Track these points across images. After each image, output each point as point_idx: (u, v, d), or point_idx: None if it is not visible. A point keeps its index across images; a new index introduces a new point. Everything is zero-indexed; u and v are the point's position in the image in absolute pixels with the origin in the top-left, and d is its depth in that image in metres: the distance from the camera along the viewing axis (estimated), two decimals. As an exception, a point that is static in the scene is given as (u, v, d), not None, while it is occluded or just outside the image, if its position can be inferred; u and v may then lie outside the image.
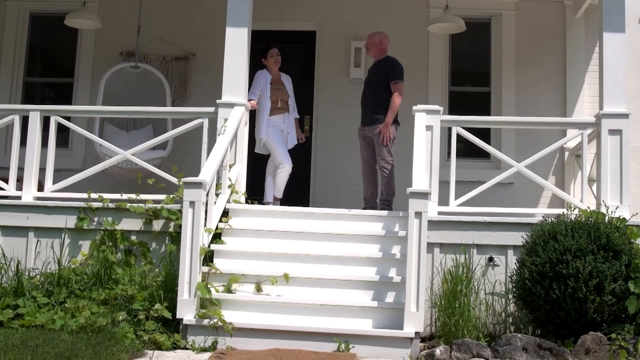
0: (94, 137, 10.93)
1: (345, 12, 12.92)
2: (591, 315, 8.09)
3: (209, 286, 8.35)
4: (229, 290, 8.60)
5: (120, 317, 8.29)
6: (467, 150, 11.74)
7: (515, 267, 8.72)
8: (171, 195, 9.54)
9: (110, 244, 9.44)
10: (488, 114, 12.58)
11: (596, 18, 11.08)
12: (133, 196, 9.66)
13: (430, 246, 9.03)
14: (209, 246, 8.81)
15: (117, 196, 9.71)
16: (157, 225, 9.48)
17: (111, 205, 9.58)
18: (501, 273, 9.19)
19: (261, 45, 11.35)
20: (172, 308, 8.27)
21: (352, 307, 8.38)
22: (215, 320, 8.06)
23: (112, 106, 11.70)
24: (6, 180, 10.13)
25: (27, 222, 9.65)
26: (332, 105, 12.69)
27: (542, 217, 9.11)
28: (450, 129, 10.05)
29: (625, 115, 9.74)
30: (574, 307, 8.07)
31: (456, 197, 9.75)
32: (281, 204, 10.79)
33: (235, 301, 8.45)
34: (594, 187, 10.24)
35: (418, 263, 8.19)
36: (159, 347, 7.90)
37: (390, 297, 8.59)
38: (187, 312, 8.18)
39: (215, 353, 7.68)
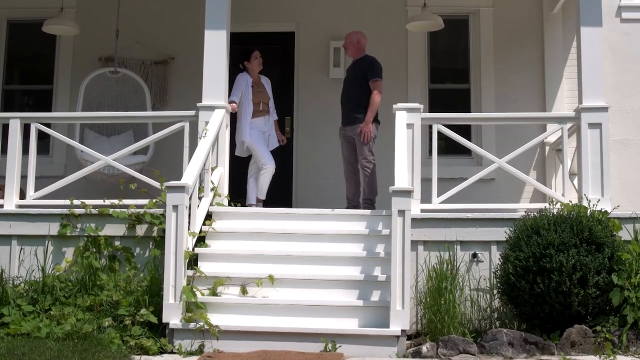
0: (75, 144, 10.90)
1: (323, 12, 12.92)
2: (576, 308, 8.13)
3: (194, 290, 8.34)
4: (214, 293, 8.59)
5: (106, 323, 8.26)
6: (448, 148, 11.77)
7: (499, 263, 8.75)
8: (154, 200, 9.52)
9: (94, 250, 9.41)
10: (468, 110, 12.61)
11: (573, 12, 11.16)
12: (116, 201, 9.64)
13: (414, 244, 9.05)
14: (193, 250, 8.81)
15: (99, 202, 9.69)
16: (141, 230, 9.47)
17: (94, 211, 9.56)
18: (485, 269, 9.22)
19: (240, 47, 11.34)
20: (158, 312, 8.26)
21: (338, 306, 8.40)
22: (202, 323, 8.06)
23: (92, 112, 11.67)
24: (-12, 189, 10.11)
25: (10, 230, 9.61)
26: (312, 105, 12.68)
27: (525, 212, 9.13)
28: (431, 127, 10.08)
29: (604, 109, 9.80)
30: (558, 301, 8.11)
31: (439, 195, 9.77)
32: (264, 206, 10.79)
33: (221, 304, 8.45)
34: (576, 181, 10.29)
35: (402, 261, 8.20)
36: (145, 352, 7.89)
37: (375, 296, 8.60)
38: (173, 317, 8.17)
39: (202, 356, 7.69)
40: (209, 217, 9.47)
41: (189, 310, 8.24)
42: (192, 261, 8.78)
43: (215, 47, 10.09)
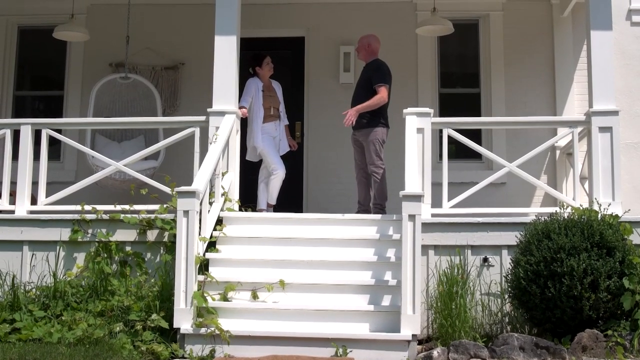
0: (86, 149, 10.93)
1: (333, 17, 12.93)
2: (587, 312, 8.11)
3: (205, 295, 8.36)
4: (225, 298, 8.60)
5: (117, 328, 8.29)
6: (458, 152, 11.76)
7: (510, 267, 8.74)
8: (165, 205, 9.54)
9: (105, 255, 9.44)
10: (478, 114, 12.58)
11: (583, 16, 11.13)
12: (127, 207, 9.65)
13: (425, 248, 9.04)
14: (204, 255, 8.82)
15: (110, 207, 9.70)
16: (152, 235, 9.49)
17: (105, 216, 9.58)
18: (496, 273, 9.20)
19: (250, 53, 11.34)
20: (169, 318, 8.28)
21: (349, 311, 8.40)
22: (213, 328, 8.06)
23: (103, 118, 11.70)
24: (-1, 195, 10.16)
25: (22, 236, 9.65)
26: (323, 110, 12.68)
27: (536, 216, 9.11)
28: (441, 131, 10.06)
29: (615, 113, 9.77)
30: (569, 305, 8.09)
31: (449, 199, 9.76)
32: (275, 211, 10.80)
33: (232, 309, 8.45)
34: (586, 185, 10.27)
35: (413, 266, 8.19)
36: (157, 357, 7.91)
37: (386, 301, 8.60)
38: (184, 322, 8.18)
39: (213, 361, 7.72)
40: (219, 222, 9.48)
41: (200, 316, 8.25)
42: (203, 266, 8.79)
43: (226, 52, 10.10)
